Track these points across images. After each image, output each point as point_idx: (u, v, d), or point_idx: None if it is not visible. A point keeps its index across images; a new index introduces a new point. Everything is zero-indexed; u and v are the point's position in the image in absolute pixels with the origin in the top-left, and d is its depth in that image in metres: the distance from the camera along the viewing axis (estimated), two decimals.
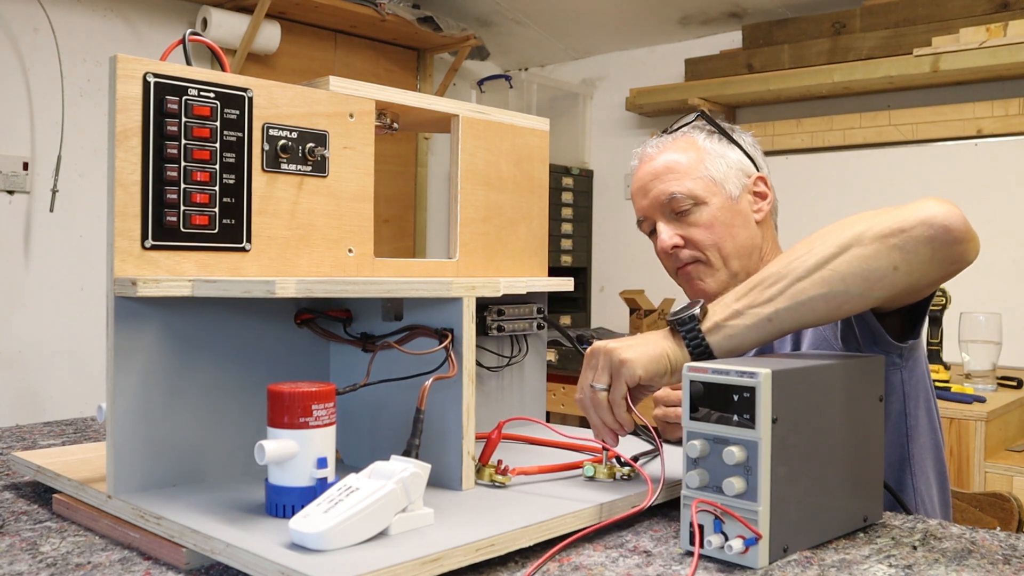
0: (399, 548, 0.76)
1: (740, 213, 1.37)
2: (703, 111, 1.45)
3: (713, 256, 1.35)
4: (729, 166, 1.38)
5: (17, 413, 2.79)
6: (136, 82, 0.90)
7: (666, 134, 1.44)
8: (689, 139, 1.40)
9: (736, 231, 1.36)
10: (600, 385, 0.98)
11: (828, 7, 3.34)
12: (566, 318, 3.88)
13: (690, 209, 1.35)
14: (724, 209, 1.36)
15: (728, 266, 1.36)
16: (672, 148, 1.40)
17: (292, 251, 1.03)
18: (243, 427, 1.01)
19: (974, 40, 2.85)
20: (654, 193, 1.37)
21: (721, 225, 1.35)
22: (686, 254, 1.37)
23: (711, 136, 1.40)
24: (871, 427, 0.96)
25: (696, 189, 1.35)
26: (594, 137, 4.10)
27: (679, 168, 1.37)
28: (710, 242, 1.35)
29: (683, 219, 1.36)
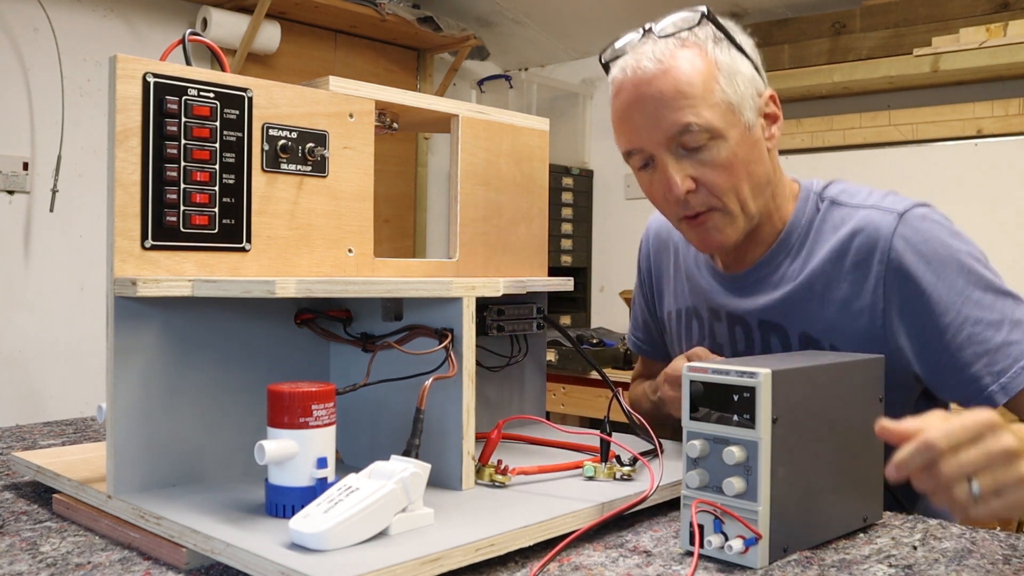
0: (399, 548, 0.76)
1: (756, 144, 1.13)
2: (708, 9, 1.13)
3: (731, 202, 1.12)
4: (744, 85, 1.11)
5: (17, 413, 2.79)
6: (136, 82, 0.90)
7: (661, 37, 1.13)
8: (695, 49, 1.10)
9: (753, 168, 1.12)
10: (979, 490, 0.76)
11: (828, 7, 3.34)
12: (566, 318, 3.88)
13: (705, 144, 1.09)
14: (742, 143, 1.10)
15: (746, 211, 1.13)
16: (677, 64, 1.09)
17: (292, 251, 1.03)
18: (243, 427, 1.01)
19: (974, 40, 2.85)
20: (659, 123, 1.09)
21: (740, 163, 1.10)
22: (699, 201, 1.12)
23: (718, 44, 1.12)
24: (871, 427, 0.96)
25: (714, 120, 1.08)
26: (594, 137, 4.09)
27: (692, 91, 1.08)
28: (728, 185, 1.11)
29: (695, 156, 1.10)
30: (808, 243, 1.18)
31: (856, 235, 1.13)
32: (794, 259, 1.18)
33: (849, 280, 1.13)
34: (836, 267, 1.14)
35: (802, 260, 1.18)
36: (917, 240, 1.11)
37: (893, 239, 1.11)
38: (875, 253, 1.11)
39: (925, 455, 0.75)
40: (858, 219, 1.14)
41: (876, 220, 1.13)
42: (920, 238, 1.11)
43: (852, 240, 1.14)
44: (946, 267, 1.10)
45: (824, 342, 1.16)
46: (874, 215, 1.13)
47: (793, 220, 1.19)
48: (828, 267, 1.15)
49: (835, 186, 1.21)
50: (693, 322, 1.32)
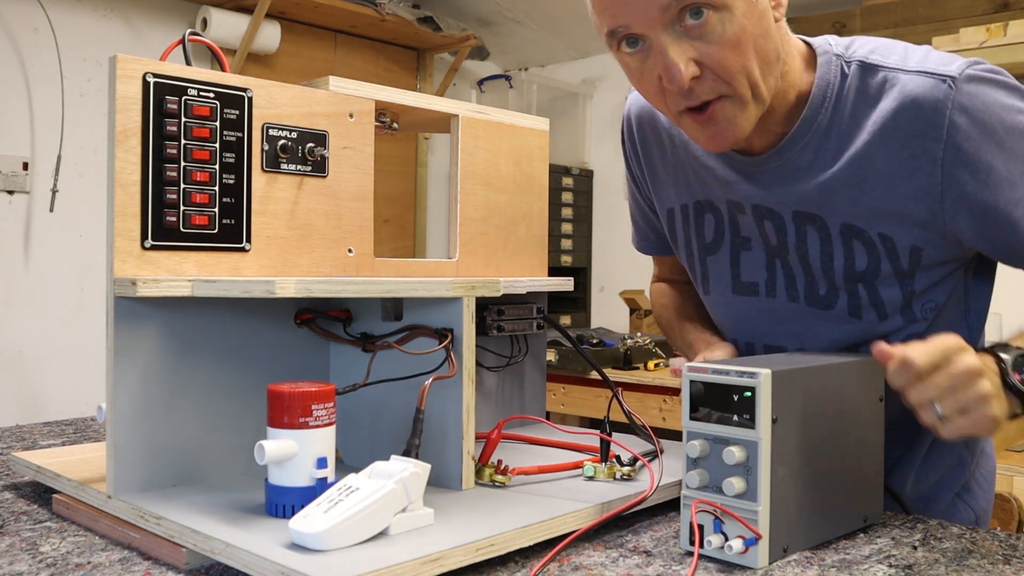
0: (399, 548, 0.76)
1: (763, 16, 0.95)
2: None
3: (742, 85, 0.95)
4: None
5: (17, 413, 2.79)
6: (136, 82, 0.90)
7: None
8: None
9: (762, 43, 0.95)
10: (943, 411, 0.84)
11: (828, 7, 3.34)
12: (566, 318, 3.88)
13: (708, 18, 0.91)
14: (750, 15, 0.93)
15: (758, 95, 0.96)
16: None
17: (292, 251, 1.03)
18: (243, 427, 1.01)
19: (974, 40, 2.85)
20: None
21: (749, 39, 0.93)
22: (706, 88, 0.94)
23: None
24: (871, 427, 0.96)
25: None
26: (594, 137, 4.10)
27: None
28: (738, 66, 0.93)
29: (696, 34, 0.92)
30: (841, 117, 1.01)
31: (904, 107, 0.97)
32: (825, 137, 1.02)
33: (899, 160, 0.98)
34: (883, 147, 0.99)
35: (836, 139, 1.02)
36: (977, 108, 0.96)
37: (951, 113, 0.95)
38: (930, 129, 0.96)
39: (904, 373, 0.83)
40: (903, 87, 0.98)
41: (927, 89, 0.96)
42: (981, 105, 0.96)
43: (900, 114, 0.98)
44: (1011, 136, 0.97)
45: (871, 231, 1.02)
46: (923, 82, 0.97)
47: (816, 92, 1.02)
48: (873, 147, 0.99)
49: (860, 43, 1.03)
50: (706, 216, 1.15)
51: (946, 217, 0.99)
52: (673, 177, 1.19)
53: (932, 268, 1.05)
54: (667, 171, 1.20)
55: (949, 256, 1.04)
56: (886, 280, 1.04)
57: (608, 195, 4.04)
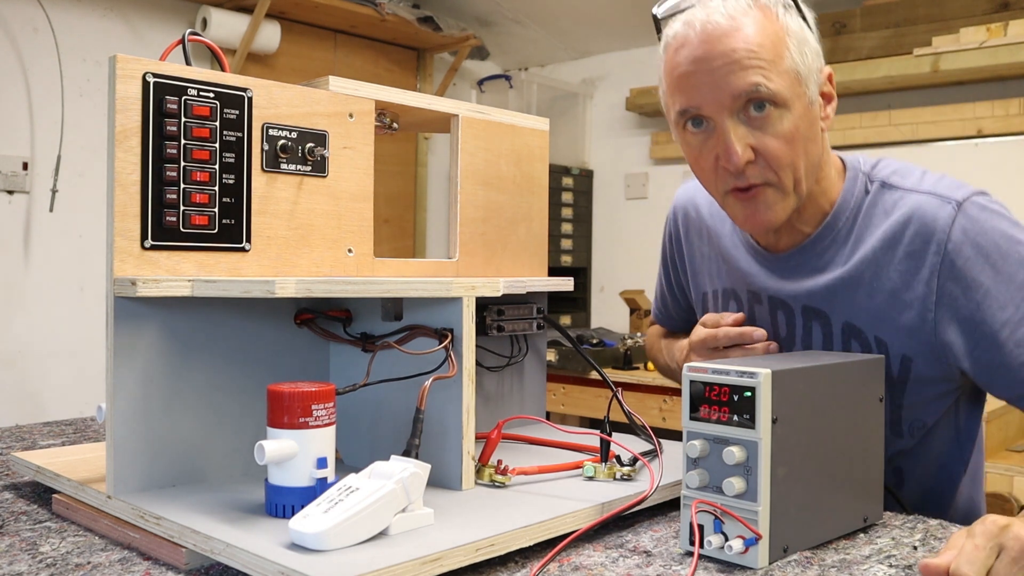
0: (399, 548, 0.76)
1: (814, 122, 1.06)
2: None
3: (787, 178, 1.04)
4: (812, 57, 1.05)
5: (17, 413, 2.79)
6: (136, 82, 0.90)
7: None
8: (766, 12, 1.03)
9: (810, 147, 1.05)
10: None
11: (828, 7, 3.34)
12: (566, 318, 3.88)
13: (769, 113, 1.02)
14: (805, 117, 1.04)
15: (798, 190, 1.06)
16: (748, 22, 1.02)
17: (292, 251, 1.03)
18: (243, 427, 1.01)
19: (974, 40, 2.85)
20: (727, 82, 1.01)
21: (800, 139, 1.03)
22: (756, 173, 1.04)
23: (788, 10, 1.04)
24: (871, 427, 0.96)
25: (783, 87, 1.01)
26: (594, 137, 4.10)
27: (764, 53, 1.01)
28: (788, 160, 1.03)
29: (756, 124, 1.03)
30: (856, 227, 1.11)
31: (910, 222, 1.07)
32: (842, 244, 1.12)
33: (900, 270, 1.07)
34: (887, 255, 1.08)
35: (850, 246, 1.11)
36: (976, 231, 1.04)
37: (951, 230, 1.04)
38: (931, 244, 1.05)
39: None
40: (912, 205, 1.07)
41: (933, 208, 1.06)
42: (979, 229, 1.04)
43: (906, 227, 1.07)
44: (1007, 261, 1.04)
45: (868, 333, 1.10)
46: (930, 202, 1.06)
47: (841, 202, 1.12)
48: (878, 255, 1.08)
49: (885, 166, 1.14)
50: (731, 303, 1.25)
51: (937, 329, 1.06)
52: (707, 265, 1.31)
53: (922, 385, 1.10)
54: (703, 259, 1.32)
55: (938, 374, 1.09)
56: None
57: (608, 195, 4.04)
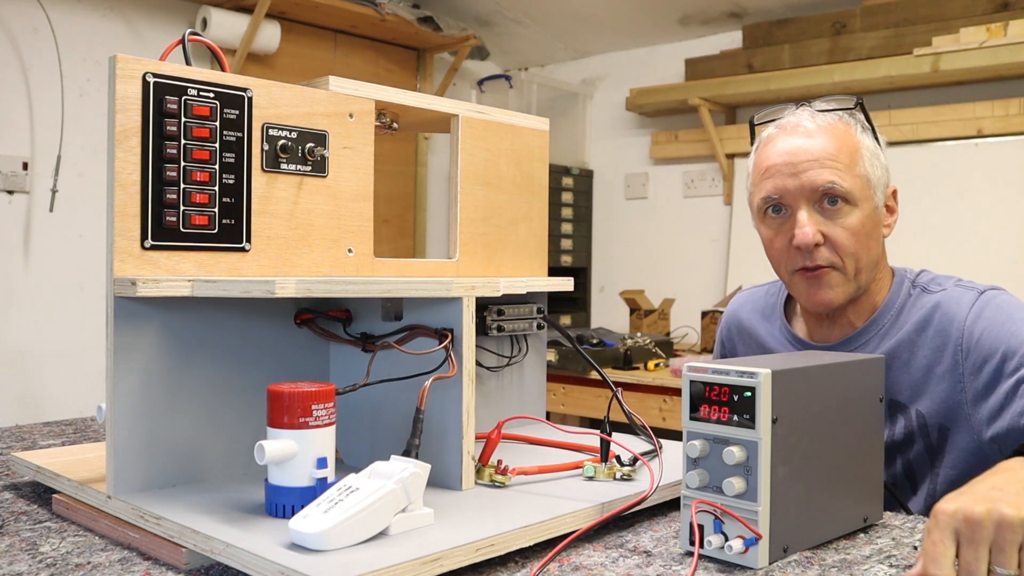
0: (399, 548, 0.76)
1: (879, 225, 1.24)
2: (862, 100, 1.26)
3: (850, 264, 1.21)
4: (881, 171, 1.24)
5: (17, 413, 2.79)
6: (136, 82, 0.90)
7: (817, 109, 1.25)
8: (847, 127, 1.23)
9: (872, 244, 1.22)
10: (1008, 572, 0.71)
11: (828, 7, 3.34)
12: (566, 318, 3.88)
13: (840, 207, 1.20)
14: (870, 218, 1.22)
15: (858, 279, 1.22)
16: (832, 132, 1.22)
17: (292, 251, 1.03)
18: (243, 427, 1.00)
19: (974, 40, 2.85)
20: (809, 176, 1.19)
21: (864, 234, 1.21)
22: (824, 255, 1.20)
23: (865, 131, 1.25)
24: (871, 427, 0.96)
25: (855, 188, 1.20)
26: (594, 137, 4.10)
27: (842, 157, 1.20)
28: (852, 249, 1.20)
29: (828, 215, 1.20)
30: (897, 324, 1.25)
31: (937, 309, 1.22)
32: (883, 338, 1.25)
33: (931, 347, 1.20)
34: (920, 337, 1.22)
35: (891, 339, 1.25)
36: (992, 307, 1.19)
37: (972, 309, 1.19)
38: (954, 322, 1.19)
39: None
40: (942, 296, 1.23)
41: (957, 296, 1.22)
42: (996, 305, 1.19)
43: (934, 313, 1.22)
44: (1019, 326, 1.15)
45: (910, 407, 1.22)
46: (956, 291, 1.23)
47: (887, 302, 1.26)
48: (912, 336, 1.22)
49: (926, 274, 1.29)
50: None
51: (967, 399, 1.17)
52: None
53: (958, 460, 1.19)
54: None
55: (973, 446, 1.17)
56: (918, 457, 1.22)
57: (608, 195, 4.04)
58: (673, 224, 3.84)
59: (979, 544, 0.72)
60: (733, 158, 3.60)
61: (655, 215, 3.90)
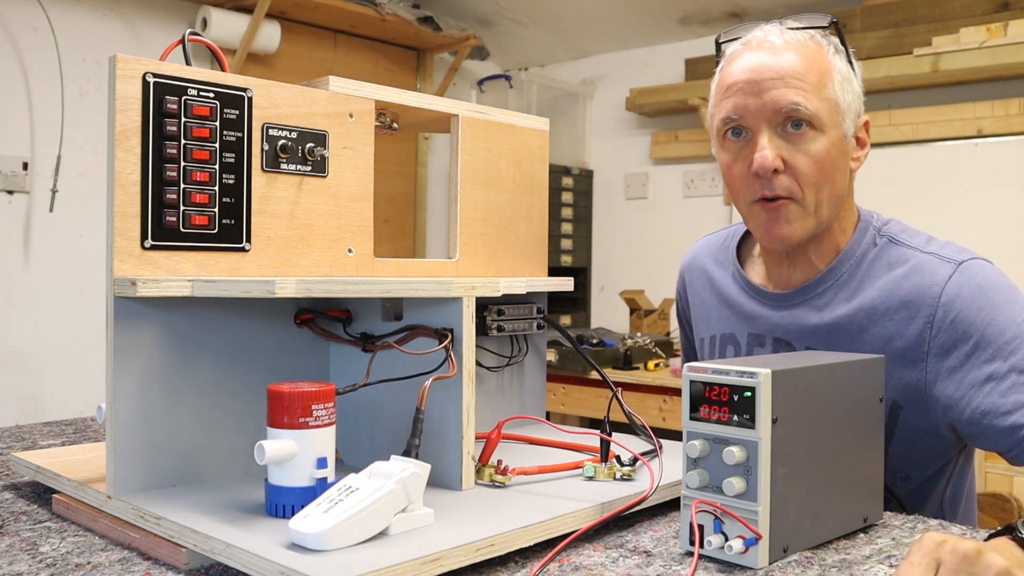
0: (399, 548, 0.76)
1: (845, 156, 1.14)
2: (836, 20, 1.15)
3: (810, 196, 1.12)
4: (852, 96, 1.14)
5: (17, 413, 2.79)
6: (136, 82, 0.90)
7: (787, 27, 1.15)
8: (818, 47, 1.13)
9: (837, 176, 1.13)
10: None
11: (828, 7, 3.34)
12: (566, 318, 3.88)
13: (805, 132, 1.10)
14: (836, 146, 1.12)
15: (818, 213, 1.13)
16: (801, 50, 1.12)
17: (292, 251, 1.03)
18: (243, 427, 1.00)
19: (974, 40, 2.85)
20: (771, 96, 1.10)
21: (829, 164, 1.11)
22: (783, 184, 1.11)
23: (839, 53, 1.15)
24: (871, 427, 0.96)
25: (821, 111, 1.10)
26: (594, 137, 4.10)
27: (810, 77, 1.10)
28: (814, 179, 1.11)
29: (791, 140, 1.11)
30: (859, 275, 1.17)
31: (909, 276, 1.13)
32: (842, 287, 1.17)
33: (896, 320, 1.12)
34: (884, 304, 1.13)
35: (850, 291, 1.17)
36: (971, 285, 1.10)
37: (947, 284, 1.10)
38: (926, 296, 1.11)
39: None
40: (914, 262, 1.14)
41: (932, 265, 1.13)
42: (975, 284, 1.10)
43: (904, 280, 1.13)
44: (997, 313, 1.08)
45: None
46: (931, 260, 1.13)
47: (848, 248, 1.18)
48: (876, 304, 1.14)
49: (895, 224, 1.20)
50: (728, 348, 1.29)
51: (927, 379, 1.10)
52: (706, 312, 1.36)
53: (910, 435, 1.14)
54: (702, 306, 1.37)
55: (925, 427, 1.12)
56: None
57: (608, 195, 4.04)
58: (673, 224, 3.84)
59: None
60: None
61: (655, 215, 3.90)
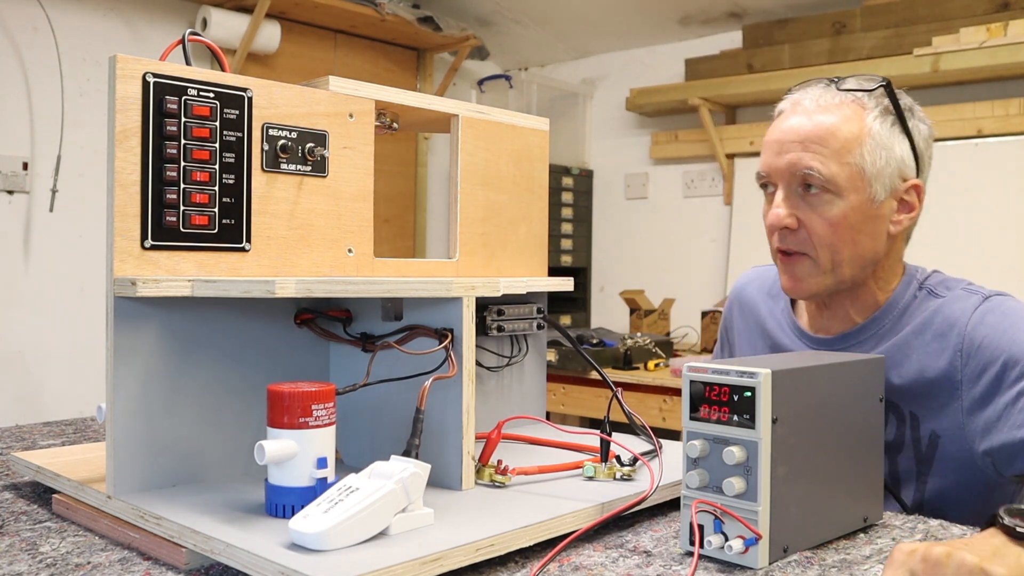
0: (399, 548, 0.76)
1: (874, 219, 1.16)
2: (889, 84, 1.19)
3: (824, 257, 1.16)
4: (888, 162, 1.15)
5: (17, 413, 2.79)
6: (136, 82, 0.90)
7: (837, 87, 1.20)
8: (856, 111, 1.16)
9: (860, 238, 1.16)
10: None
11: (828, 7, 3.34)
12: (566, 318, 3.88)
13: (820, 195, 1.15)
14: (858, 210, 1.15)
15: (837, 272, 1.17)
16: (834, 112, 1.16)
17: (292, 251, 1.03)
18: (243, 427, 1.00)
19: (974, 40, 2.85)
20: (790, 158, 1.15)
21: (847, 228, 1.15)
22: (794, 241, 1.17)
23: (884, 117, 1.17)
24: (871, 427, 0.96)
25: (839, 177, 1.14)
26: (594, 137, 4.10)
27: (831, 142, 1.14)
28: (827, 242, 1.15)
29: (808, 199, 1.16)
30: (899, 326, 1.20)
31: (939, 311, 1.17)
32: (882, 339, 1.20)
33: (928, 351, 1.15)
34: (918, 339, 1.17)
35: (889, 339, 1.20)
36: (996, 313, 1.13)
37: (974, 313, 1.14)
38: (954, 327, 1.14)
39: None
40: (944, 301, 1.18)
41: (961, 299, 1.17)
42: (1000, 311, 1.13)
43: (935, 316, 1.17)
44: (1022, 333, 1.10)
45: (904, 407, 1.17)
46: (961, 296, 1.17)
47: (891, 301, 1.21)
48: (910, 338, 1.17)
49: (936, 276, 1.23)
50: None
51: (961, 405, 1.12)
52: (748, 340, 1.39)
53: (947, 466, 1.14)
54: (742, 335, 1.41)
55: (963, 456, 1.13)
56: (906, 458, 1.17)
57: (608, 195, 4.04)
58: (673, 224, 3.84)
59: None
60: (733, 158, 3.60)
61: (655, 215, 3.90)
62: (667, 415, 2.83)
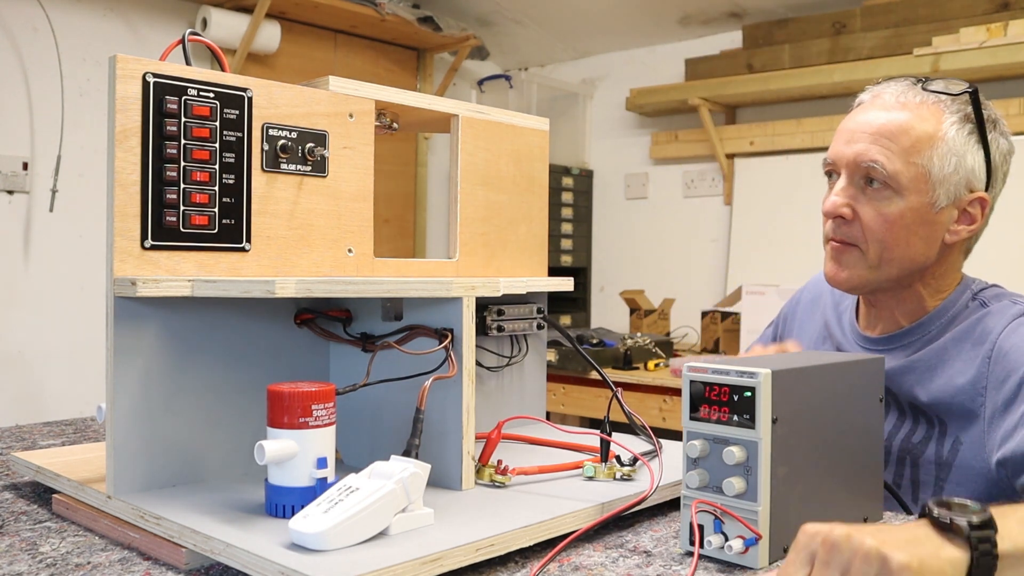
0: (399, 548, 0.76)
1: (931, 224, 1.15)
2: (976, 91, 1.17)
3: (873, 252, 1.15)
4: (957, 170, 1.14)
5: (17, 413, 2.78)
6: (136, 82, 0.90)
7: (922, 87, 1.18)
8: (934, 113, 1.15)
9: (913, 240, 1.15)
10: None
11: (828, 7, 3.34)
12: (566, 318, 3.88)
13: (880, 190, 1.14)
14: (916, 212, 1.14)
15: (882, 269, 1.16)
16: (912, 110, 1.15)
17: (292, 251, 1.03)
18: (243, 427, 1.00)
19: (974, 40, 2.85)
20: (857, 149, 1.15)
21: (901, 227, 1.14)
22: (846, 232, 1.17)
23: (963, 124, 1.15)
24: (871, 427, 0.96)
25: (902, 175, 1.13)
26: (594, 137, 4.09)
27: (901, 139, 1.13)
28: (879, 237, 1.15)
29: (868, 193, 1.15)
30: (944, 333, 1.19)
31: (981, 321, 1.16)
32: (929, 343, 1.19)
33: (963, 359, 1.15)
34: (956, 347, 1.16)
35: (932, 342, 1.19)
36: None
37: (1010, 323, 1.13)
38: (990, 335, 1.13)
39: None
40: (990, 310, 1.17)
41: (1004, 310, 1.16)
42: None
43: (977, 325, 1.16)
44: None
45: (932, 414, 1.17)
46: (1005, 306, 1.17)
47: (940, 309, 1.20)
48: (949, 345, 1.17)
49: (992, 290, 1.23)
50: None
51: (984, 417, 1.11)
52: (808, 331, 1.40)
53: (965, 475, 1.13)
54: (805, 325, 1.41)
55: (981, 466, 1.12)
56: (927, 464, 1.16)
57: (608, 195, 4.04)
58: (673, 224, 3.84)
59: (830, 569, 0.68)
60: (733, 158, 3.60)
61: (655, 215, 3.90)
62: (667, 415, 2.83)
